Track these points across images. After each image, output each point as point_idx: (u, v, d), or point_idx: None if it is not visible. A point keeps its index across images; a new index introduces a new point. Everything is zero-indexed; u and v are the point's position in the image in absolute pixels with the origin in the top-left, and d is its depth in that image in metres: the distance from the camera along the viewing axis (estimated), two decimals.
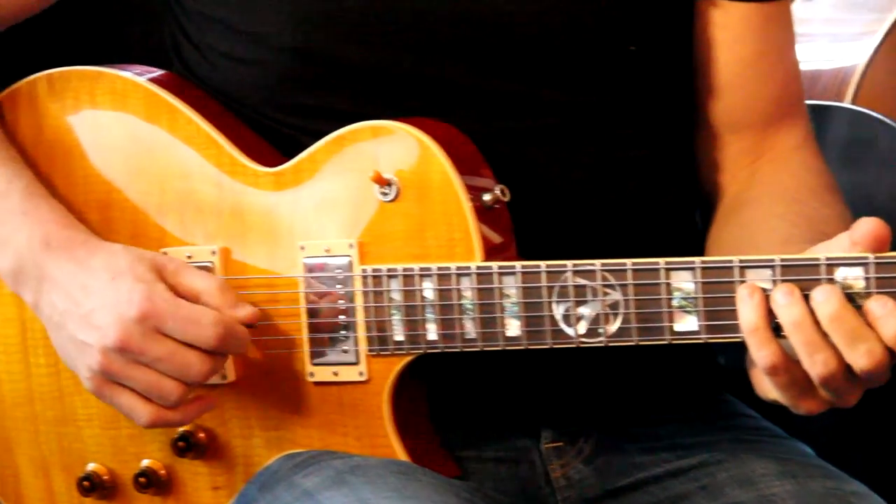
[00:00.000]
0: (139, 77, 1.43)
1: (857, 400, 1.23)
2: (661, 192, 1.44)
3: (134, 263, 1.33)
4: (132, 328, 1.31)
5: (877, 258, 1.20)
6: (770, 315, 1.21)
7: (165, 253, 1.40)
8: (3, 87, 1.46)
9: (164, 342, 1.31)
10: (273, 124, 1.42)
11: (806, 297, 1.19)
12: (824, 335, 1.19)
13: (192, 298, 1.34)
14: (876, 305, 1.18)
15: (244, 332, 1.34)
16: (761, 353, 1.21)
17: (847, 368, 1.20)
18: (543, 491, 1.41)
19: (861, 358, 1.19)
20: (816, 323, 1.19)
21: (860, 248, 1.20)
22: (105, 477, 1.43)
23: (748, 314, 1.21)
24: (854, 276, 1.20)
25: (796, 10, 1.46)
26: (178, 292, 1.33)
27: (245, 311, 1.34)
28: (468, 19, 1.37)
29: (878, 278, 1.19)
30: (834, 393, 1.22)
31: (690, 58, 1.45)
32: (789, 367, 1.21)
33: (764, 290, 1.21)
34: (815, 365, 1.20)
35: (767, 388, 1.25)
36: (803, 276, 1.21)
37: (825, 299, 1.19)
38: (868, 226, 1.19)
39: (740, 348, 1.34)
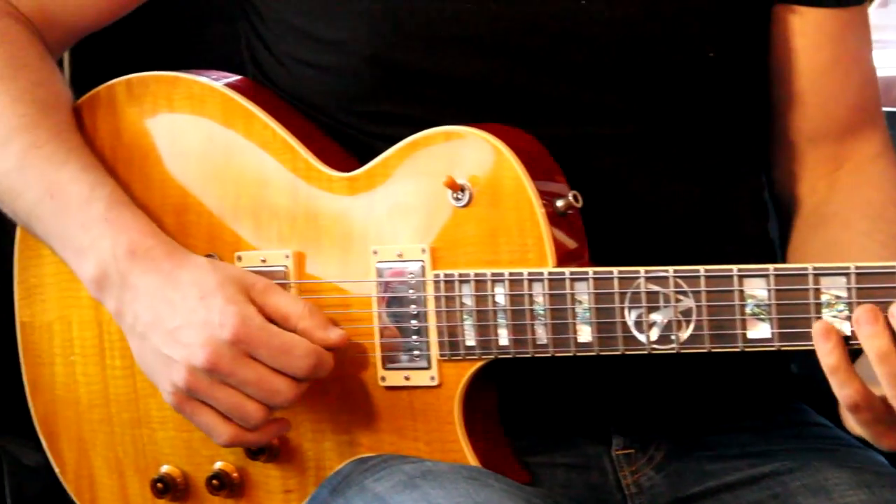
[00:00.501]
0: (216, 82, 1.44)
1: None
2: (734, 200, 1.43)
3: (223, 282, 1.34)
4: (223, 350, 1.31)
5: None
6: (848, 347, 1.19)
7: (240, 257, 1.41)
8: (83, 93, 1.48)
9: (254, 367, 1.32)
10: (348, 130, 1.42)
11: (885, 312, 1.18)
12: None
13: (281, 319, 1.34)
14: None
15: (331, 359, 1.34)
16: (843, 392, 1.20)
17: None
18: (615, 497, 1.41)
19: None
20: None
21: None
22: (178, 479, 1.44)
23: (827, 356, 1.20)
24: None
25: (871, 16, 1.45)
26: (265, 313, 1.34)
27: (336, 335, 1.34)
28: (545, 27, 1.37)
29: None
30: None
31: (767, 65, 1.44)
32: (872, 404, 1.20)
33: (840, 331, 1.20)
34: None
35: (853, 425, 1.23)
36: (879, 285, 1.20)
37: None
38: None
39: (813, 356, 1.33)
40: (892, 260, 1.28)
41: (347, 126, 1.42)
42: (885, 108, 1.49)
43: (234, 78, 1.47)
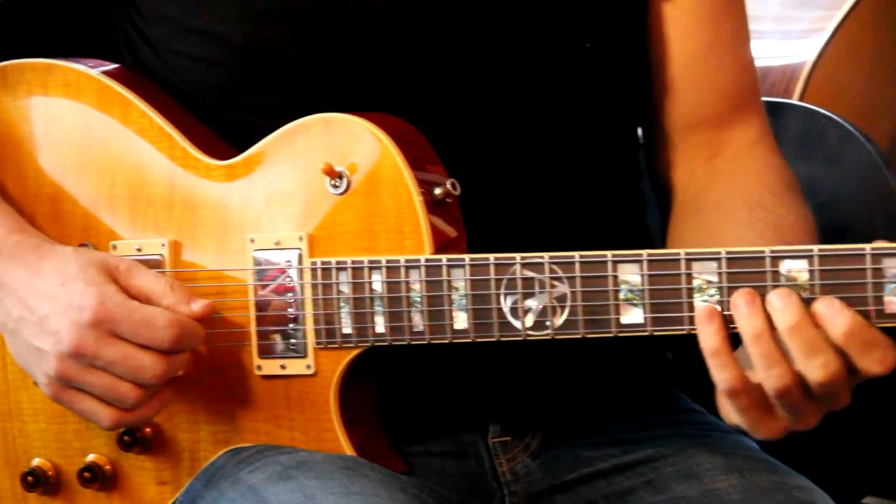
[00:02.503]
0: (92, 70, 1.43)
1: (816, 422, 1.23)
2: (611, 190, 1.44)
3: (85, 266, 1.33)
4: (86, 333, 1.30)
5: (820, 250, 1.20)
6: (730, 335, 1.21)
7: (115, 246, 1.39)
8: None
9: (118, 345, 1.31)
10: (226, 121, 1.41)
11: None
12: (781, 348, 1.19)
13: (144, 299, 1.33)
14: (822, 306, 1.19)
15: (198, 329, 1.33)
16: (722, 376, 1.21)
17: (802, 384, 1.20)
18: (490, 485, 1.40)
19: (816, 370, 1.19)
20: (774, 335, 1.19)
21: None
22: (49, 472, 1.42)
23: (709, 339, 1.21)
24: (798, 269, 1.20)
25: (748, 7, 1.47)
26: (130, 293, 1.33)
27: (198, 306, 1.33)
28: (422, 18, 1.37)
29: (821, 270, 1.20)
30: (792, 412, 1.22)
31: (644, 55, 1.45)
32: (750, 389, 1.21)
33: (722, 310, 1.21)
34: (771, 378, 1.20)
35: (729, 412, 1.24)
36: (749, 269, 1.21)
37: (783, 306, 1.19)
38: None
39: (690, 344, 1.35)
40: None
41: (225, 117, 1.41)
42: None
43: (111, 66, 1.45)
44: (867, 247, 1.19)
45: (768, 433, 1.24)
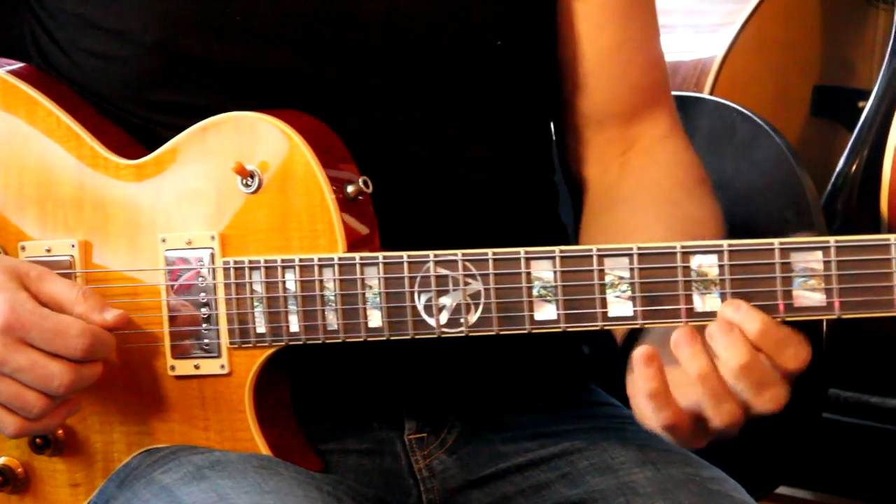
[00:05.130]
0: None
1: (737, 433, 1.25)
2: (524, 185, 1.44)
3: None
4: None
5: (730, 245, 1.21)
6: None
7: (24, 247, 1.37)
8: None
9: (26, 352, 1.29)
10: (136, 120, 1.40)
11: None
12: (726, 385, 1.20)
13: (56, 307, 1.31)
14: (730, 310, 1.20)
15: (110, 338, 1.32)
16: (662, 415, 1.22)
17: (748, 410, 1.21)
18: (407, 482, 1.40)
19: (767, 403, 1.20)
20: (719, 373, 1.20)
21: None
22: None
23: (648, 382, 1.21)
24: (709, 264, 1.22)
25: (657, 1, 1.48)
26: (41, 300, 1.31)
27: (112, 315, 1.32)
28: (333, 16, 1.36)
29: (731, 265, 1.21)
30: (727, 434, 1.23)
31: (555, 52, 1.46)
32: (689, 422, 1.23)
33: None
34: (721, 415, 1.21)
35: (650, 418, 1.25)
36: (660, 265, 1.22)
37: (729, 347, 1.19)
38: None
39: (605, 338, 1.35)
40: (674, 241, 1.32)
41: (135, 116, 1.40)
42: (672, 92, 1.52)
43: (17, 65, 1.43)
44: (776, 241, 1.20)
45: (698, 446, 1.26)
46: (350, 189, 1.33)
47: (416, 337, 1.29)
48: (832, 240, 1.20)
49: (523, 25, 1.41)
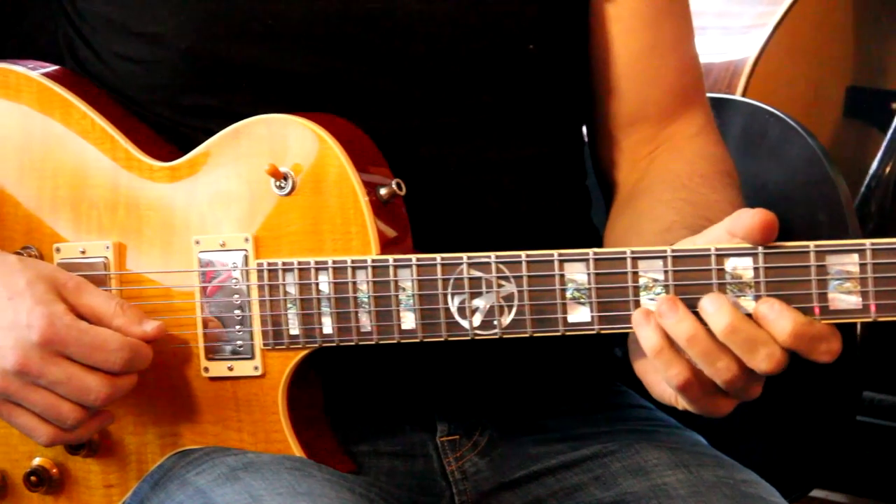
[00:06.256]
0: (32, 71, 1.41)
1: (760, 390, 1.24)
2: (556, 189, 1.44)
3: (33, 281, 1.31)
4: (32, 352, 1.29)
5: (765, 248, 1.21)
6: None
7: (59, 249, 1.38)
8: None
9: (64, 366, 1.30)
10: (169, 124, 1.40)
11: (695, 306, 1.20)
12: (720, 342, 1.20)
13: (94, 319, 1.32)
14: (764, 308, 1.20)
15: (149, 351, 1.33)
16: (672, 373, 1.21)
17: (749, 370, 1.21)
18: (439, 484, 1.41)
19: (762, 362, 1.19)
20: (710, 332, 1.20)
21: (740, 240, 1.21)
22: None
23: (649, 337, 1.21)
24: (743, 266, 1.21)
25: (690, 3, 1.47)
26: (78, 312, 1.32)
27: (151, 327, 1.33)
28: (365, 20, 1.37)
29: (766, 268, 1.21)
30: (739, 392, 1.23)
31: (587, 55, 1.46)
32: (700, 379, 1.22)
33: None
34: (719, 372, 1.21)
35: (662, 392, 1.25)
36: (694, 267, 1.22)
37: (716, 310, 1.19)
38: (747, 219, 1.19)
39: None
40: (680, 225, 1.32)
41: (166, 119, 1.40)
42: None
43: (52, 68, 1.44)
44: (811, 244, 1.20)
45: (720, 413, 1.25)
46: (383, 191, 1.33)
47: (449, 339, 1.29)
48: (868, 242, 1.19)
49: (556, 29, 1.41)
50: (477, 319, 1.28)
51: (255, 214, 1.34)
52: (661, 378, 1.24)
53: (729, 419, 1.28)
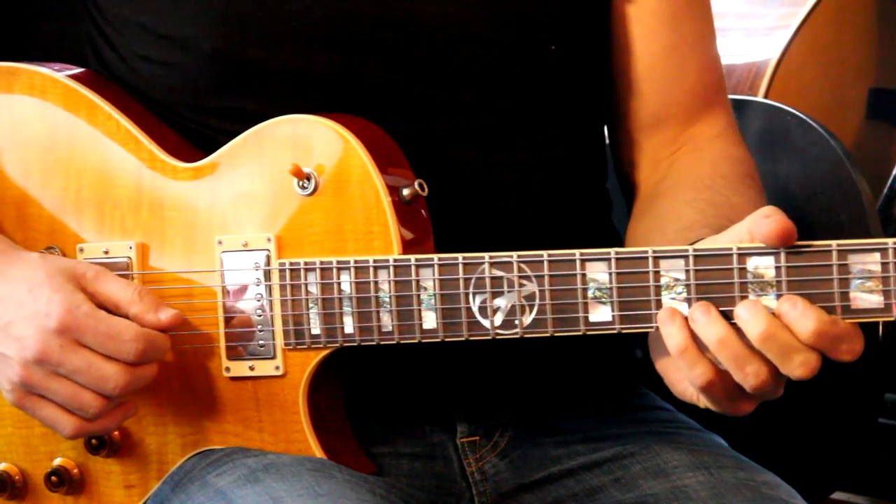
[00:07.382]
0: (58, 73, 1.42)
1: (782, 391, 1.24)
2: (577, 190, 1.44)
3: (52, 273, 1.32)
4: (51, 340, 1.30)
5: (787, 248, 1.21)
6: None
7: (82, 249, 1.39)
8: None
9: (83, 354, 1.30)
10: (193, 125, 1.41)
11: (728, 314, 1.20)
12: (751, 346, 1.19)
13: (112, 306, 1.33)
14: (787, 306, 1.19)
15: (165, 341, 1.33)
16: (695, 372, 1.21)
17: (777, 373, 1.20)
18: (459, 485, 1.41)
19: (797, 369, 1.19)
20: (740, 337, 1.19)
21: (759, 241, 1.20)
22: (16, 477, 1.41)
23: (674, 336, 1.21)
24: (765, 266, 1.21)
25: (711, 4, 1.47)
26: (97, 301, 1.32)
27: (167, 315, 1.33)
28: (387, 21, 1.37)
29: (788, 267, 1.20)
30: (764, 395, 1.23)
31: (608, 56, 1.46)
32: (724, 381, 1.22)
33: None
34: (748, 377, 1.20)
35: (684, 390, 1.25)
36: (716, 266, 1.22)
37: (752, 317, 1.19)
38: (765, 225, 1.19)
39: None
40: (702, 224, 1.32)
41: (190, 121, 1.41)
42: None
43: (77, 70, 1.45)
44: (833, 243, 1.20)
45: (741, 413, 1.24)
46: (406, 192, 1.33)
47: (471, 339, 1.29)
48: (890, 241, 1.19)
49: (578, 30, 1.41)
50: (498, 319, 1.28)
51: (278, 214, 1.34)
52: (683, 377, 1.24)
53: (750, 421, 1.28)
